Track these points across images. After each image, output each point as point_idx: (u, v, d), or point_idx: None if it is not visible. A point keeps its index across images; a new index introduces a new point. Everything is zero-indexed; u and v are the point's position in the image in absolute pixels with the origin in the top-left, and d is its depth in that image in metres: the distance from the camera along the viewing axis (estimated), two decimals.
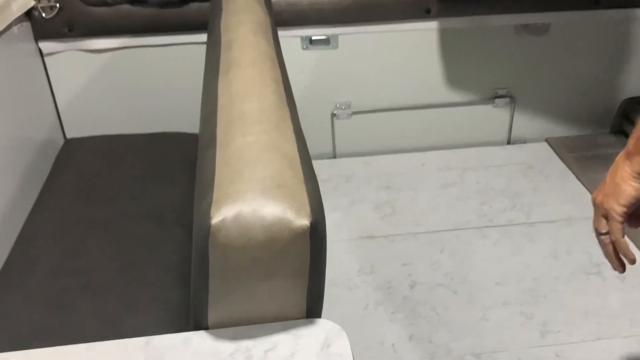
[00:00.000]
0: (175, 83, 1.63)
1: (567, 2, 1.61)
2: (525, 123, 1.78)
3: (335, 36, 1.59)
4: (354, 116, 1.72)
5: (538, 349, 1.13)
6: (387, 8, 1.56)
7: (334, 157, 1.77)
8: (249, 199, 0.53)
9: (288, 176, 0.57)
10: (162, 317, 1.01)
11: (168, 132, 1.59)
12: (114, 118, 1.66)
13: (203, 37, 1.57)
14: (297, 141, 0.65)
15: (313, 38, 1.59)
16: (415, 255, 1.38)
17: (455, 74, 1.68)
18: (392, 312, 1.23)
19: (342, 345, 0.53)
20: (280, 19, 1.54)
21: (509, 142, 1.81)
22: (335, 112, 1.71)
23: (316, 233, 0.54)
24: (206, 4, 1.54)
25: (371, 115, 1.72)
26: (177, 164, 1.48)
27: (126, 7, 1.52)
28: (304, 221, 0.53)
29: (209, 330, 0.56)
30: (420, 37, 1.62)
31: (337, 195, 1.59)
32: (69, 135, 1.65)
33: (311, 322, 0.56)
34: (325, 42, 1.60)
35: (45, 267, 1.15)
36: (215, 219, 0.53)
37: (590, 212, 1.52)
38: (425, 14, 1.58)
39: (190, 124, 1.65)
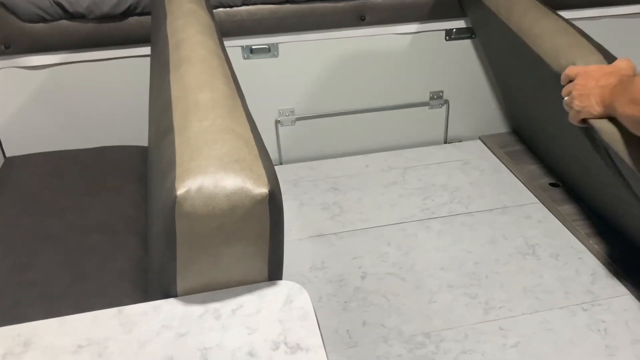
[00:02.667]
0: (116, 97, 1.64)
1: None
2: (460, 123, 1.89)
3: (275, 45, 1.65)
4: (298, 122, 1.77)
5: (482, 324, 1.20)
6: (324, 16, 1.63)
7: (280, 163, 1.82)
8: (210, 172, 0.57)
9: (244, 153, 0.61)
10: None
11: (111, 145, 1.59)
12: (56, 135, 1.64)
13: (143, 50, 1.59)
14: (250, 124, 0.69)
15: (253, 47, 1.65)
16: (364, 249, 1.43)
17: (392, 78, 1.77)
18: (345, 302, 1.27)
19: (303, 299, 0.58)
20: (220, 30, 1.58)
21: (445, 142, 1.91)
22: (279, 119, 1.76)
23: (274, 200, 0.59)
24: (146, 17, 1.56)
25: (314, 120, 1.78)
26: (124, 175, 1.49)
27: (64, 23, 1.53)
28: (262, 189, 0.58)
29: (178, 297, 0.59)
30: (357, 43, 1.70)
31: (285, 199, 1.64)
32: (8, 154, 1.62)
33: (273, 284, 0.60)
34: (266, 50, 1.66)
35: None
36: (180, 191, 0.56)
37: (521, 200, 1.63)
38: (360, 21, 1.66)
39: (133, 137, 1.65)
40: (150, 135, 0.95)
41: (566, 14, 1.74)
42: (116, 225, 1.29)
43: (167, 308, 0.57)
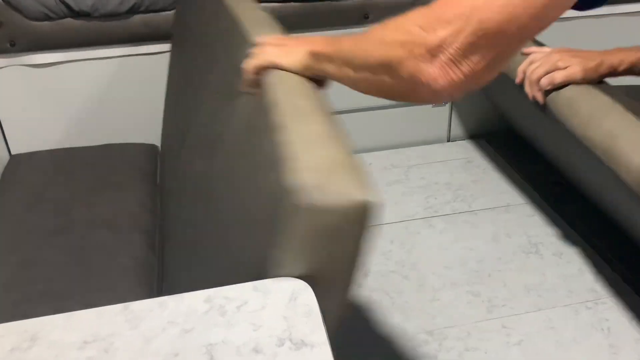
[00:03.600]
0: (121, 95, 1.64)
1: None
2: (463, 121, 1.89)
3: None
4: None
5: (485, 322, 1.21)
6: (327, 15, 1.63)
7: None
8: (325, 172, 0.59)
9: (350, 158, 0.63)
10: None
11: (117, 143, 1.60)
12: (61, 132, 1.65)
13: (148, 48, 1.60)
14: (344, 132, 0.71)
15: None
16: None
17: None
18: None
19: (308, 297, 0.58)
20: None
21: (448, 140, 1.91)
22: None
23: (370, 212, 0.61)
24: (150, 15, 1.56)
25: None
26: (129, 173, 1.50)
27: (69, 21, 1.53)
28: (366, 198, 0.59)
29: (184, 293, 0.59)
30: None
31: None
32: (14, 151, 1.63)
33: (278, 281, 0.61)
34: None
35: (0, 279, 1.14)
36: (301, 186, 0.57)
37: (524, 198, 1.63)
38: (363, 19, 1.66)
39: (138, 135, 1.66)
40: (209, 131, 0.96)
41: (567, 12, 1.74)
42: (121, 222, 1.30)
43: (173, 304, 0.58)
